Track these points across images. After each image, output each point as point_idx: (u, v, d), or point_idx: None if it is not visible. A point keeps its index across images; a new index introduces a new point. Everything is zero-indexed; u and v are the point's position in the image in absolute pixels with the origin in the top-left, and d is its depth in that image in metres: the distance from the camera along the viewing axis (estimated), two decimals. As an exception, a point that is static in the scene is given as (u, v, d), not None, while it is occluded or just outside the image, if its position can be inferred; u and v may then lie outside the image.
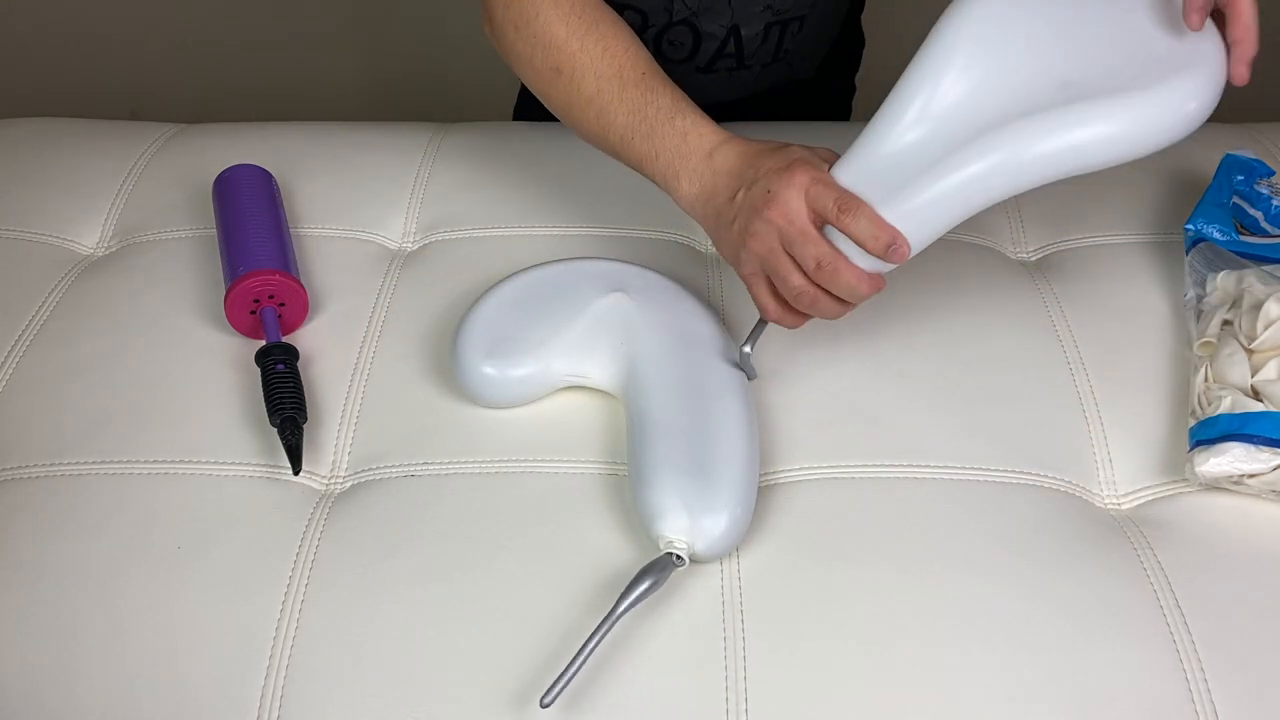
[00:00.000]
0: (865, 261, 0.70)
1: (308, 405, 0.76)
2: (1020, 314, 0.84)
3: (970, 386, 0.79)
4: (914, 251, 0.69)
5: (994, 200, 0.69)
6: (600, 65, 0.81)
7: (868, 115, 0.74)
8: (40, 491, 0.73)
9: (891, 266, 0.70)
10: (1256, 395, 0.73)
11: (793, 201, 0.70)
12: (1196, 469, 0.71)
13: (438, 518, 0.71)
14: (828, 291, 0.71)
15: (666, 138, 0.78)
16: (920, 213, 0.69)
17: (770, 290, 0.74)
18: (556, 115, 0.85)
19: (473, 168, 1.01)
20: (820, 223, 0.71)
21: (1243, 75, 0.68)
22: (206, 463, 0.74)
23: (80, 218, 0.96)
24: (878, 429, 0.76)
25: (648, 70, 0.81)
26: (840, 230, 0.69)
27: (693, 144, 0.77)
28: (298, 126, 1.06)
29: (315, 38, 1.95)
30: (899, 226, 0.69)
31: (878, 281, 0.71)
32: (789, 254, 0.71)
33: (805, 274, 0.71)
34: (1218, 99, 0.66)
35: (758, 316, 0.76)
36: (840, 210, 0.69)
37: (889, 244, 0.68)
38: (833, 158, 0.74)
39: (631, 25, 0.84)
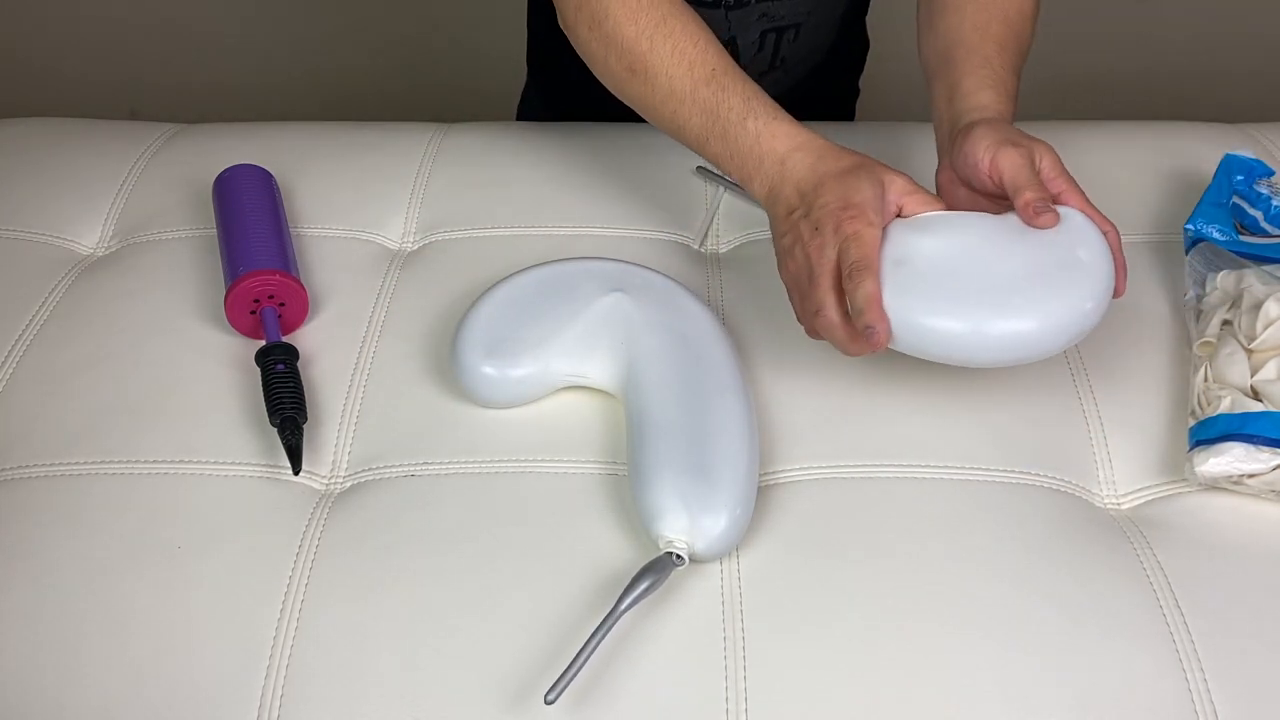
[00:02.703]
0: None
1: (308, 405, 0.76)
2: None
3: (970, 386, 0.79)
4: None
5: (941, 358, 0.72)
6: (670, 65, 0.80)
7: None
8: (41, 491, 0.73)
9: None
10: (1256, 395, 0.73)
11: (828, 249, 0.72)
12: (1196, 469, 0.71)
13: (438, 517, 0.71)
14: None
15: (739, 140, 0.78)
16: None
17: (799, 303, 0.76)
18: (637, 112, 0.85)
19: (473, 168, 1.01)
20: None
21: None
22: (206, 463, 0.74)
23: (80, 218, 0.96)
24: (878, 429, 0.76)
25: (718, 66, 0.80)
26: (844, 289, 0.72)
27: (766, 147, 0.78)
28: (298, 126, 1.06)
29: (316, 38, 1.95)
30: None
31: (864, 347, 0.72)
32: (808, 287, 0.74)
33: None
34: (1108, 303, 0.72)
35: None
36: (849, 274, 0.71)
37: (866, 326, 0.70)
38: (907, 186, 0.75)
39: None
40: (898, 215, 0.75)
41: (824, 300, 0.72)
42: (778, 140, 0.77)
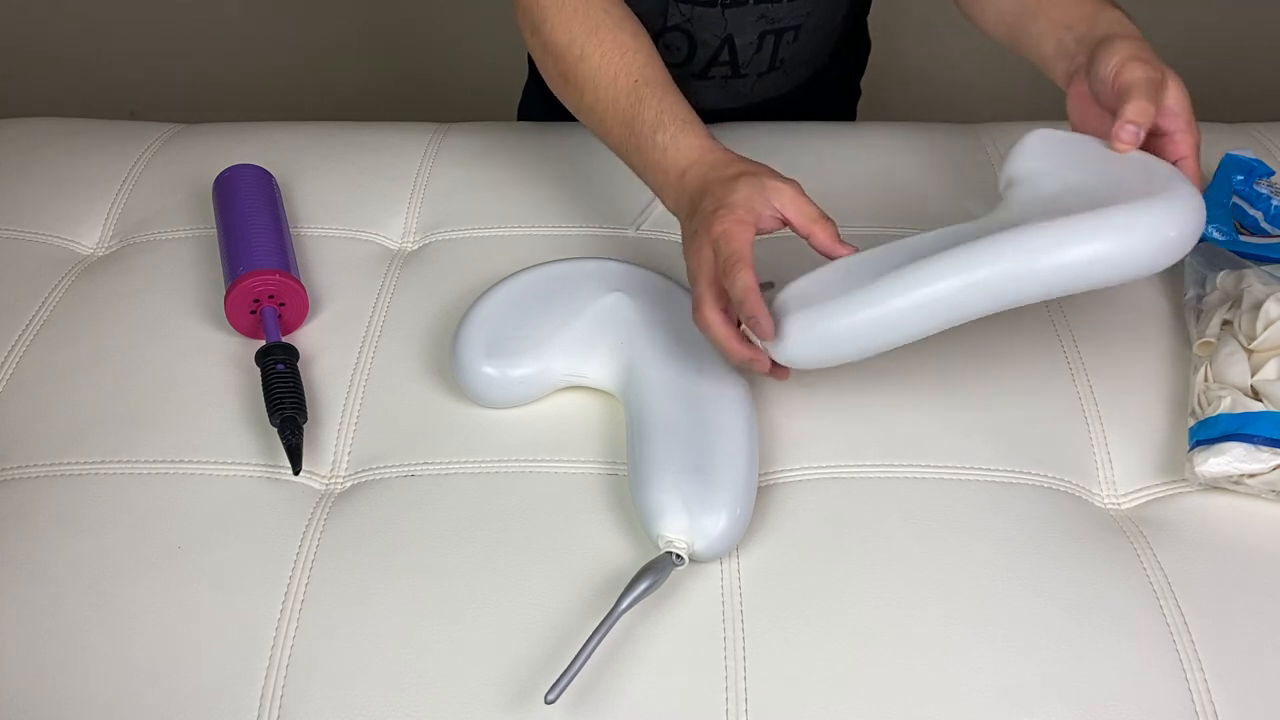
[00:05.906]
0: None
1: (308, 405, 0.77)
2: (1020, 314, 0.84)
3: (970, 386, 0.79)
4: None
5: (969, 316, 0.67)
6: (597, 75, 0.80)
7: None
8: (40, 491, 0.73)
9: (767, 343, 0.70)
10: (1256, 395, 0.73)
11: (704, 249, 0.71)
12: (1196, 469, 0.71)
13: (438, 518, 0.71)
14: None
15: (649, 153, 0.78)
16: (884, 322, 0.68)
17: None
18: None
19: (473, 168, 1.01)
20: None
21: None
22: (206, 463, 0.74)
23: (80, 218, 0.96)
24: (878, 429, 0.76)
25: (640, 78, 0.80)
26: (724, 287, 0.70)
27: (670, 161, 0.77)
28: (298, 126, 1.06)
29: (316, 38, 1.95)
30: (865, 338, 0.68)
31: (746, 350, 0.70)
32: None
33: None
34: (1196, 236, 0.64)
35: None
36: (724, 271, 0.69)
37: (749, 316, 0.68)
38: (794, 194, 0.72)
39: None
40: (783, 224, 0.73)
41: (701, 297, 0.71)
42: (680, 154, 0.77)
